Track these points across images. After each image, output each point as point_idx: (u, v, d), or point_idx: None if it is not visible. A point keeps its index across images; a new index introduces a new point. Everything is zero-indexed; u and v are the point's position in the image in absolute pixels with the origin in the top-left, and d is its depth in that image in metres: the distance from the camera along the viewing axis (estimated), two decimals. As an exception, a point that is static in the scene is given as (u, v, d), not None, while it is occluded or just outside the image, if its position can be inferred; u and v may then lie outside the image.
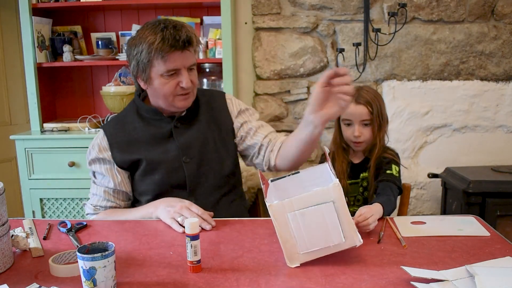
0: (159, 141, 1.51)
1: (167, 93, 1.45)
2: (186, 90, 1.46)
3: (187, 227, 1.05)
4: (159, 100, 1.49)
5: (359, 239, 1.07)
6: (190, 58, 1.45)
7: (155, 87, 1.46)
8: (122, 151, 1.51)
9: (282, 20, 2.74)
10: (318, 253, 1.06)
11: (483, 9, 2.67)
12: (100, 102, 2.85)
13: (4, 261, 1.08)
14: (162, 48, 1.38)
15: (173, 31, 1.38)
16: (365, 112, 1.68)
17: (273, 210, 1.05)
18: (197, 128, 1.54)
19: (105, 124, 1.59)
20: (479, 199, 2.30)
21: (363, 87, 1.75)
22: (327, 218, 1.04)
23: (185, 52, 1.42)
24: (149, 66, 1.42)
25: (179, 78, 1.44)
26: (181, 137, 1.51)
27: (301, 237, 1.05)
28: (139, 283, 1.00)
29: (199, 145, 1.52)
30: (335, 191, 1.04)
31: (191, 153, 1.51)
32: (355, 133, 1.69)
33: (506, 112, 2.73)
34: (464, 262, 1.06)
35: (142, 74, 1.45)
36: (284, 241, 1.06)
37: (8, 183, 2.87)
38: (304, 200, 1.05)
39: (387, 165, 1.66)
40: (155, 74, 1.43)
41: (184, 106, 1.49)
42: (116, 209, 1.55)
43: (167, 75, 1.43)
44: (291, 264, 1.07)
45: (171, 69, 1.42)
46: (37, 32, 2.59)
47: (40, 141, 2.52)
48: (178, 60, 1.41)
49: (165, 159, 1.50)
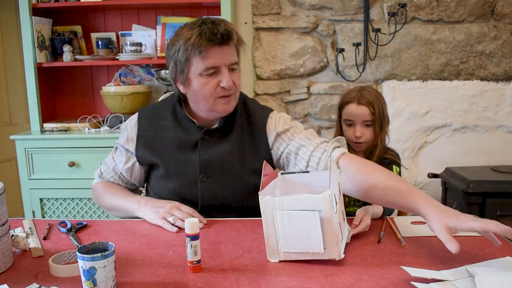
0: (183, 148, 1.44)
1: (207, 94, 1.35)
2: (228, 92, 1.35)
3: (187, 227, 1.05)
4: (199, 104, 1.40)
5: (339, 253, 1.06)
6: (230, 54, 1.34)
7: (194, 88, 1.36)
8: (145, 147, 1.48)
9: (282, 20, 2.74)
10: (297, 255, 1.08)
11: (483, 9, 2.67)
12: (100, 102, 2.85)
13: (4, 261, 1.08)
14: (200, 43, 1.29)
15: (211, 25, 1.30)
16: (367, 113, 1.68)
17: (263, 204, 1.07)
18: (224, 146, 1.43)
19: (142, 110, 1.54)
20: (479, 199, 2.30)
21: (365, 88, 1.75)
22: (311, 226, 1.04)
23: (224, 47, 1.32)
24: (187, 65, 1.34)
25: (219, 78, 1.34)
26: (205, 152, 1.43)
27: (283, 236, 1.07)
28: (139, 283, 1.00)
29: (221, 165, 1.42)
30: (325, 202, 1.03)
31: (210, 172, 1.43)
32: (356, 134, 1.69)
33: (506, 112, 2.73)
34: (464, 262, 1.06)
35: (181, 76, 1.36)
36: (268, 235, 1.08)
37: (8, 183, 2.87)
38: (294, 202, 1.05)
39: (387, 165, 1.66)
40: (194, 74, 1.34)
41: (225, 110, 1.39)
42: (114, 185, 1.57)
43: (206, 74, 1.33)
44: (270, 258, 1.09)
45: (210, 66, 1.32)
46: (37, 32, 2.60)
47: (40, 141, 2.52)
48: (217, 56, 1.32)
49: (183, 171, 1.44)
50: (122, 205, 1.49)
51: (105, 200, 1.55)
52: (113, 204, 1.53)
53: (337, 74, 2.77)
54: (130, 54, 2.62)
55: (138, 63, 2.75)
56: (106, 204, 1.56)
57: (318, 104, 2.79)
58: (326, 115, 2.79)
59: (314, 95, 2.79)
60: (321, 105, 2.78)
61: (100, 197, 1.57)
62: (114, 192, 1.55)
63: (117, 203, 1.51)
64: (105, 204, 1.56)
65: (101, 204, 1.59)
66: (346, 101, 1.74)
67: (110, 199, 1.53)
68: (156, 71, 2.74)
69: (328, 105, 2.77)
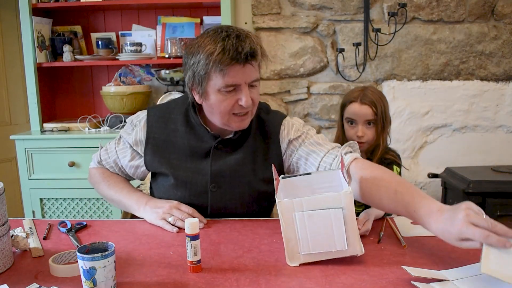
0: (195, 156, 1.40)
1: (223, 111, 1.30)
2: (245, 109, 1.30)
3: (187, 227, 1.04)
4: (213, 116, 1.35)
5: (361, 249, 1.07)
6: (252, 73, 1.28)
7: (211, 103, 1.31)
8: (154, 151, 1.42)
9: (282, 20, 2.74)
10: (319, 256, 1.07)
11: (483, 9, 2.67)
12: (100, 102, 2.85)
13: (4, 261, 1.08)
14: (222, 60, 1.22)
15: (235, 41, 1.23)
16: (370, 113, 1.68)
17: (282, 207, 1.05)
18: (237, 157, 1.39)
19: (151, 109, 1.47)
20: (479, 199, 2.30)
21: (368, 87, 1.75)
22: (334, 224, 1.05)
23: (247, 66, 1.25)
24: (206, 78, 1.27)
25: (238, 95, 1.28)
26: (216, 162, 1.39)
27: (304, 238, 1.05)
28: (139, 283, 1.00)
29: (232, 175, 1.39)
30: (347, 198, 1.04)
31: (221, 182, 1.39)
32: (358, 133, 1.69)
33: (506, 112, 2.73)
34: (464, 262, 1.06)
35: (198, 87, 1.30)
36: (288, 239, 1.06)
37: (8, 183, 2.87)
38: (314, 202, 1.04)
39: (388, 166, 1.66)
40: (212, 89, 1.28)
41: (239, 127, 1.34)
42: (112, 175, 1.54)
43: (225, 91, 1.27)
44: (291, 263, 1.07)
45: (230, 84, 1.26)
46: (37, 32, 2.60)
47: (40, 141, 2.52)
48: (238, 75, 1.25)
49: (192, 180, 1.40)
50: (121, 200, 1.48)
51: (103, 189, 1.53)
52: (111, 196, 1.51)
53: (337, 74, 2.77)
54: (130, 54, 2.62)
55: (138, 63, 2.75)
56: (103, 193, 1.54)
57: (318, 104, 2.79)
58: (326, 115, 2.79)
59: (314, 95, 2.79)
60: (321, 105, 2.78)
61: (97, 184, 1.55)
62: (113, 183, 1.51)
63: (116, 197, 1.49)
64: (102, 192, 1.54)
65: (97, 189, 1.57)
66: (349, 100, 1.74)
67: (108, 190, 1.51)
68: (156, 71, 2.74)
69: (328, 105, 2.77)
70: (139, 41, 2.68)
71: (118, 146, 1.53)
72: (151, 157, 1.43)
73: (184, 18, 2.75)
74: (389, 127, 1.76)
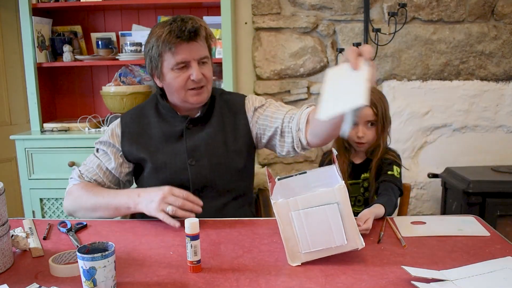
0: (170, 140, 1.51)
1: (178, 87, 1.45)
2: (198, 84, 1.44)
3: (187, 227, 1.05)
4: (173, 96, 1.50)
5: (361, 242, 1.07)
6: (199, 50, 1.44)
7: (168, 82, 1.46)
8: (131, 142, 1.52)
9: (282, 20, 2.74)
10: (319, 253, 1.07)
11: (483, 9, 2.67)
12: (100, 102, 2.85)
13: (4, 261, 1.08)
14: (169, 39, 1.39)
15: (180, 23, 1.40)
16: (370, 113, 1.69)
17: (277, 208, 1.05)
18: (208, 131, 1.52)
19: (124, 114, 1.60)
20: (479, 199, 2.30)
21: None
22: (331, 219, 1.05)
23: (192, 43, 1.41)
24: (160, 60, 1.44)
25: (189, 71, 1.43)
26: (190, 139, 1.51)
27: (303, 237, 1.06)
28: (139, 283, 1.00)
29: (207, 148, 1.50)
30: (341, 192, 1.04)
31: (197, 155, 1.50)
32: (358, 134, 1.70)
33: (506, 112, 2.73)
34: (464, 262, 1.06)
35: (156, 70, 1.47)
36: (287, 239, 1.06)
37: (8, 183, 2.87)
38: (309, 199, 1.05)
39: (388, 166, 1.67)
40: (166, 69, 1.44)
41: (197, 101, 1.48)
42: (96, 186, 1.51)
43: (177, 68, 1.43)
44: (292, 262, 1.07)
45: (180, 61, 1.42)
46: (37, 32, 2.59)
47: (40, 141, 2.52)
48: (185, 52, 1.41)
49: (171, 160, 1.49)
50: (109, 203, 1.42)
51: (86, 200, 1.46)
52: (97, 203, 1.44)
53: (337, 74, 2.77)
54: (130, 54, 2.62)
55: (138, 63, 2.74)
56: (86, 204, 1.46)
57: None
58: (326, 115, 2.79)
59: (314, 95, 2.79)
60: (321, 105, 2.78)
61: (79, 198, 1.47)
62: (98, 191, 1.47)
63: (103, 201, 1.43)
64: (85, 204, 1.46)
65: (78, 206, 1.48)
66: None
67: (94, 198, 1.44)
68: (156, 71, 2.74)
69: (328, 105, 2.77)
70: (139, 41, 2.68)
71: (97, 153, 1.57)
72: (128, 148, 1.52)
73: (184, 18, 2.74)
74: (389, 127, 1.76)
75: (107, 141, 1.55)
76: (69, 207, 1.51)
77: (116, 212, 1.44)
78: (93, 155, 1.58)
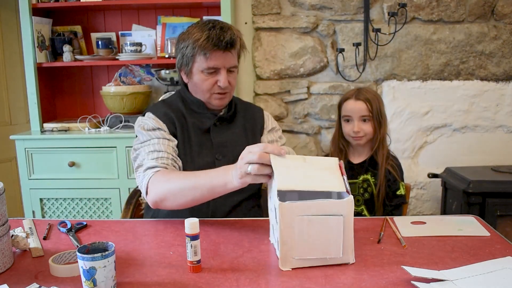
0: (198, 132, 1.57)
1: (205, 89, 1.53)
2: (223, 90, 1.52)
3: (187, 227, 1.05)
4: (197, 94, 1.57)
5: (353, 258, 1.08)
6: (231, 59, 1.51)
7: (195, 81, 1.54)
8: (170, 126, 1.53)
9: (282, 20, 2.74)
10: (311, 262, 1.06)
11: (483, 9, 2.67)
12: (100, 102, 2.85)
13: (4, 261, 1.08)
14: (206, 46, 1.46)
15: (219, 31, 1.46)
16: (364, 108, 1.74)
17: (282, 210, 1.03)
18: (232, 131, 1.60)
19: (151, 108, 1.60)
20: (479, 199, 2.30)
21: (363, 87, 1.87)
22: (333, 231, 1.04)
23: (226, 53, 1.49)
24: (192, 60, 1.51)
25: (217, 77, 1.51)
26: (217, 136, 1.58)
27: (301, 243, 1.04)
28: (139, 283, 1.00)
29: (232, 145, 1.57)
30: (348, 206, 1.04)
31: (224, 152, 1.56)
32: (354, 129, 1.75)
33: (506, 112, 2.73)
34: (464, 262, 1.06)
35: (185, 67, 1.54)
36: (283, 242, 1.05)
37: (8, 183, 2.87)
38: (315, 207, 1.03)
39: (394, 183, 1.72)
40: (196, 70, 1.52)
41: (219, 105, 1.56)
42: (175, 171, 1.43)
43: (207, 72, 1.50)
44: (282, 267, 1.06)
45: (211, 67, 1.49)
46: (37, 32, 2.60)
47: (40, 141, 2.52)
48: (219, 60, 1.49)
49: (199, 153, 1.55)
50: (210, 180, 1.27)
51: (177, 183, 1.33)
52: (193, 183, 1.30)
53: (337, 74, 2.77)
54: (130, 54, 2.62)
55: (138, 63, 2.75)
56: (180, 185, 1.32)
57: (318, 104, 2.79)
58: (326, 115, 2.79)
59: (314, 95, 2.79)
60: (321, 105, 2.78)
61: (172, 180, 1.35)
62: (186, 173, 1.37)
63: (201, 181, 1.29)
64: (178, 185, 1.33)
65: (175, 188, 1.33)
66: (345, 98, 1.82)
67: (188, 179, 1.32)
68: (156, 71, 2.74)
69: (328, 105, 2.77)
70: (139, 41, 2.68)
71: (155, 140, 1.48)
72: (173, 131, 1.54)
73: (184, 18, 2.74)
74: (386, 125, 1.80)
75: (155, 126, 1.51)
76: (159, 194, 1.35)
77: (215, 191, 1.27)
78: (147, 147, 1.46)
